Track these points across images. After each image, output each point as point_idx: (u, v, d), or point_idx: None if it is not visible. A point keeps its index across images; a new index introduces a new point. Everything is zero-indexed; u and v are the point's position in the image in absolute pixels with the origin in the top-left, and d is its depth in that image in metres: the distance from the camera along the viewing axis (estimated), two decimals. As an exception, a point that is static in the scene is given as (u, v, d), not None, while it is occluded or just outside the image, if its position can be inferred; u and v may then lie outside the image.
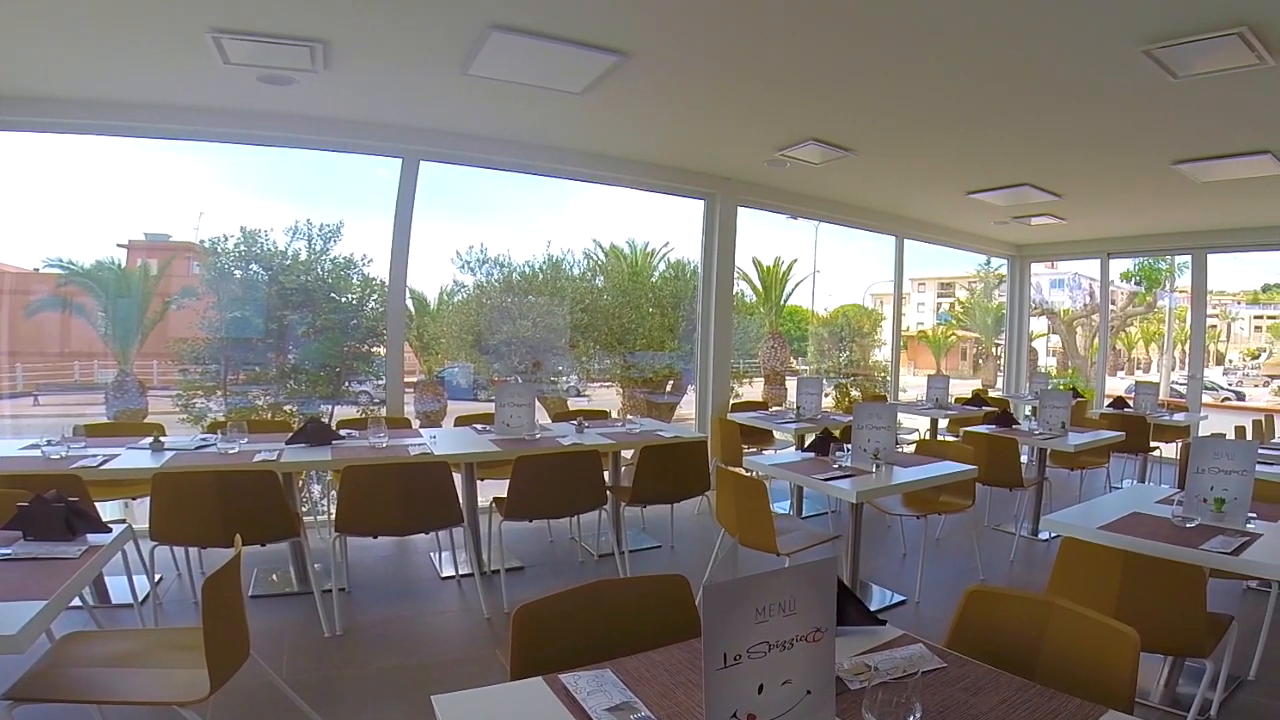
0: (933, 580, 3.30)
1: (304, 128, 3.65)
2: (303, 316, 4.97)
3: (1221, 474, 2.15)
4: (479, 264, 6.14)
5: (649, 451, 3.13)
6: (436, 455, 2.84)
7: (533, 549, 3.61)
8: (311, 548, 2.83)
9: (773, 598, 0.86)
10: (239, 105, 3.45)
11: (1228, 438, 4.05)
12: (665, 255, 7.62)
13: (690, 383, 5.89)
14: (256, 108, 3.48)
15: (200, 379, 4.91)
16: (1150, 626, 1.52)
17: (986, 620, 1.36)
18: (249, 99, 3.37)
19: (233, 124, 3.54)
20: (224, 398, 4.88)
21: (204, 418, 4.71)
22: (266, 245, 4.94)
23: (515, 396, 3.34)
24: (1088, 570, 1.87)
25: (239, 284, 4.90)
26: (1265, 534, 1.99)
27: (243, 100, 3.39)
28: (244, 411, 4.70)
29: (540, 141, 4.15)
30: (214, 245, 4.86)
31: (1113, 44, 2.49)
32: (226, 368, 4.92)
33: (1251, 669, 2.41)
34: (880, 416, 2.96)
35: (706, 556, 3.25)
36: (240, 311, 4.93)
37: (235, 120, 3.53)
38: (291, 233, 4.98)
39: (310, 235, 5.00)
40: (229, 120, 3.53)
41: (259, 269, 4.94)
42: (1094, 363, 8.95)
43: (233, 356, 4.95)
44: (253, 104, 3.44)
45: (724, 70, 2.97)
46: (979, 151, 4.12)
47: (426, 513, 2.66)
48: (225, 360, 4.92)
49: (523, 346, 6.20)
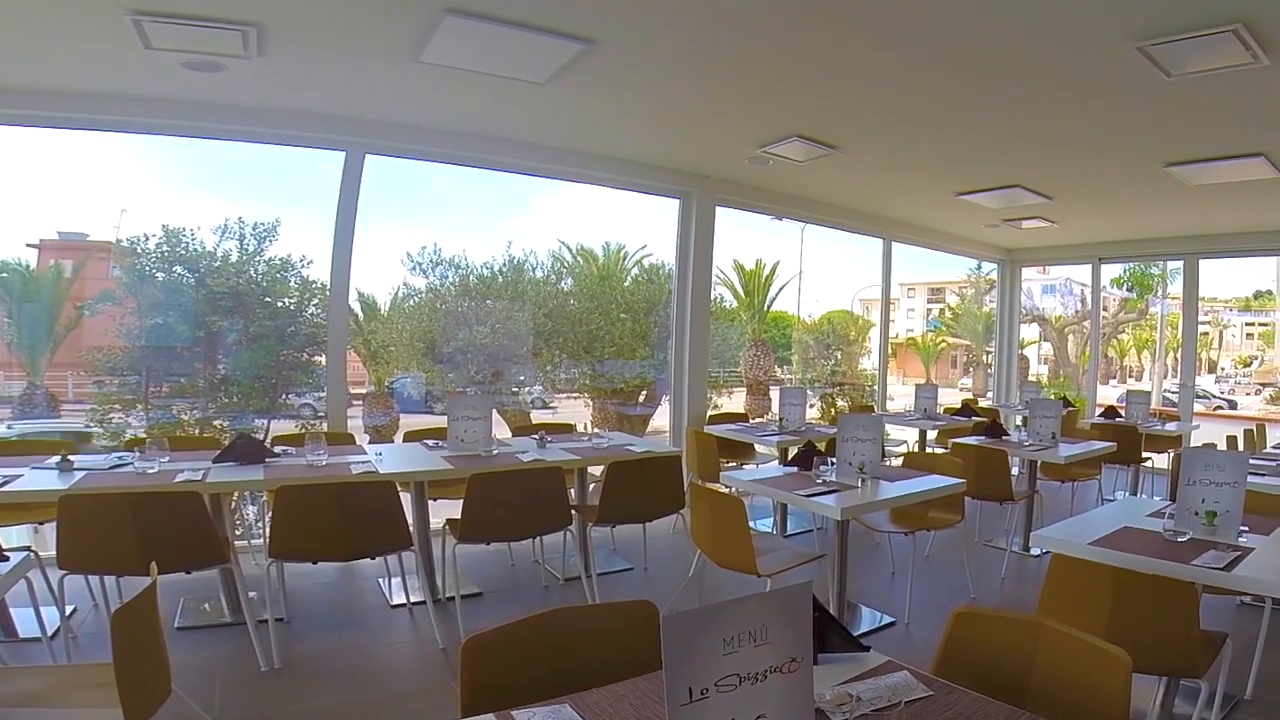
0: (922, 599, 3.34)
1: (236, 118, 3.57)
2: (234, 323, 4.84)
3: (1213, 486, 2.22)
4: (432, 265, 6.07)
5: (617, 467, 3.13)
6: (382, 474, 2.81)
7: (492, 573, 3.59)
8: (246, 575, 2.78)
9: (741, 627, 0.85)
10: (163, 94, 3.36)
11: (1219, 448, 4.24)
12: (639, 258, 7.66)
13: (665, 393, 5.88)
14: (183, 96, 3.39)
15: (118, 391, 4.72)
16: (1142, 646, 1.56)
17: (975, 643, 1.38)
18: (174, 87, 3.27)
19: (156, 114, 3.44)
20: (145, 412, 4.71)
21: (122, 434, 4.53)
22: (193, 245, 4.80)
23: (470, 409, 3.31)
24: (1078, 588, 1.91)
25: (161, 288, 4.74)
26: (1257, 548, 2.06)
27: (167, 88, 3.30)
28: (168, 427, 4.56)
29: (501, 135, 4.13)
30: (133, 245, 4.70)
31: (1107, 40, 2.58)
32: (148, 379, 4.75)
33: (1248, 688, 2.48)
34: (866, 428, 2.99)
35: (683, 579, 3.25)
36: (163, 318, 4.78)
37: (159, 110, 3.43)
38: (221, 232, 4.86)
39: (242, 234, 4.88)
40: (152, 110, 3.42)
41: (184, 271, 4.79)
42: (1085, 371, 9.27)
43: (155, 367, 4.78)
44: (178, 92, 3.35)
45: (701, 61, 2.99)
46: (969, 151, 4.23)
47: (371, 536, 2.61)
48: (146, 371, 4.75)
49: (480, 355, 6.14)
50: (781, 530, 4.42)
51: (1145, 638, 1.77)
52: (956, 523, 3.32)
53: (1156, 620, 1.80)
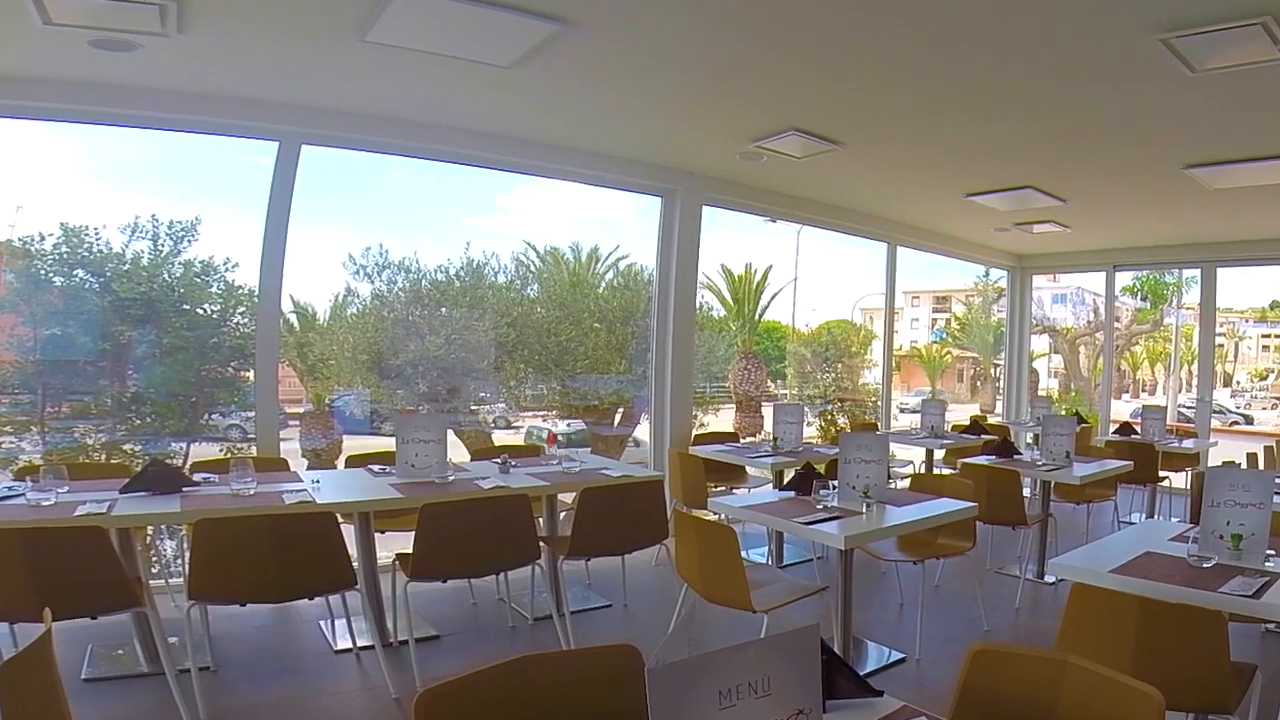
0: (934, 633, 3.37)
1: (151, 103, 3.49)
2: (145, 333, 4.72)
3: (1237, 507, 2.29)
4: (378, 269, 6.01)
5: (591, 494, 3.11)
6: (319, 504, 2.77)
7: (451, 613, 3.56)
8: (165, 618, 2.73)
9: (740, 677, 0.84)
10: (66, 75, 3.26)
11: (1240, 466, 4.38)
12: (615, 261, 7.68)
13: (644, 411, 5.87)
14: (89, 78, 3.30)
15: (9, 412, 4.54)
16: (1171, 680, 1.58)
17: (994, 684, 1.39)
18: (79, 68, 3.19)
19: (58, 98, 3.35)
20: (41, 435, 4.54)
21: (13, 461, 4.35)
22: (98, 246, 4.68)
23: (421, 430, 3.27)
24: (1101, 619, 1.94)
25: (60, 294, 4.60)
26: (1286, 572, 2.13)
27: (71, 69, 3.21)
28: (68, 453, 4.44)
29: (460, 124, 4.10)
30: (26, 245, 4.56)
31: (1129, 30, 2.66)
32: (44, 398, 4.59)
33: (1279, 724, 2.55)
34: (870, 449, 3.02)
35: (668, 616, 3.23)
36: (62, 328, 4.64)
37: (61, 93, 3.33)
38: (131, 231, 4.74)
39: (156, 234, 4.79)
40: (53, 93, 3.32)
41: (87, 275, 4.66)
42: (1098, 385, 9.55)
43: (52, 384, 4.63)
44: (84, 73, 3.26)
45: (688, 44, 3.01)
46: (980, 148, 4.34)
47: (308, 574, 2.57)
48: (43, 389, 4.59)
49: (434, 369, 6.07)
50: (778, 561, 4.44)
51: (1173, 672, 1.81)
52: (968, 549, 3.36)
53: (1185, 653, 1.84)
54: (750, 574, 2.60)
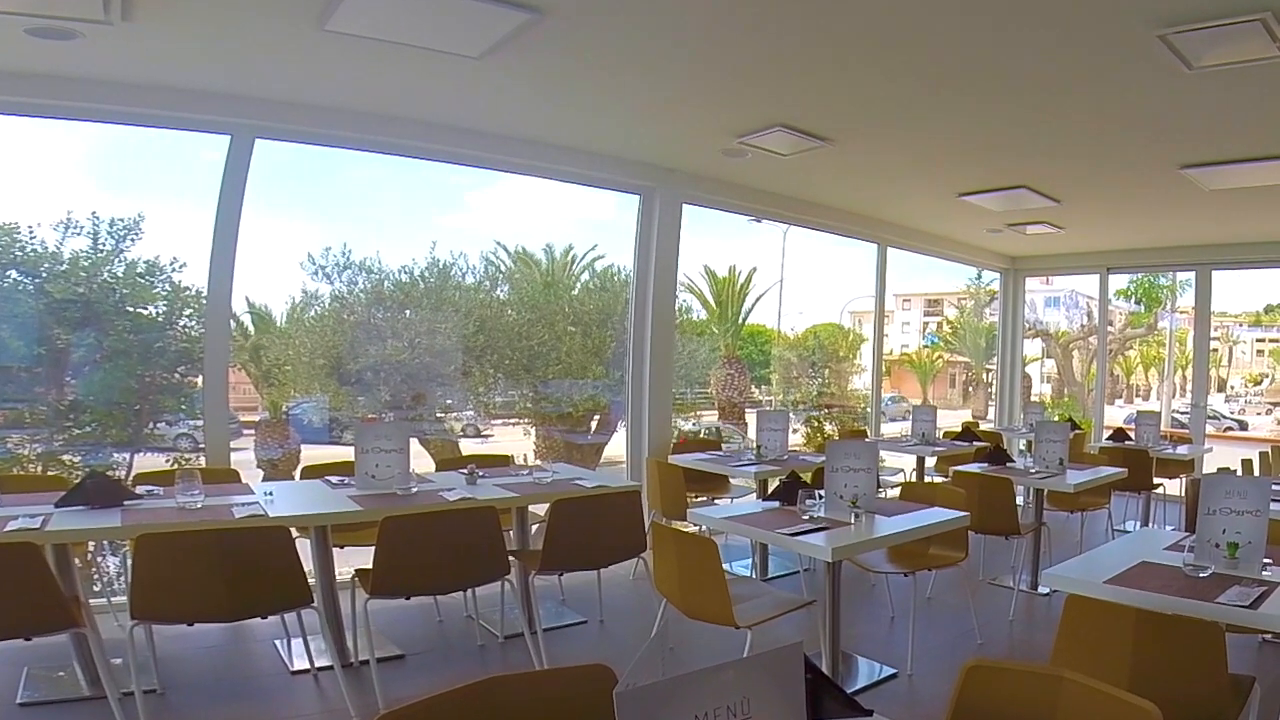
0: (926, 647, 3.40)
1: (92, 95, 3.42)
2: (85, 337, 4.61)
3: (1234, 515, 2.33)
4: (338, 270, 5.96)
5: (563, 506, 3.10)
6: (271, 517, 2.74)
7: (416, 632, 3.54)
8: (109, 639, 2.73)
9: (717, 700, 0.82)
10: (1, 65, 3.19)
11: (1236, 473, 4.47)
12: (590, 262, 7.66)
13: (620, 418, 5.85)
14: (26, 68, 3.23)
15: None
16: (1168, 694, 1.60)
17: (989, 701, 1.39)
18: (15, 57, 3.12)
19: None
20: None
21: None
22: (31, 245, 4.56)
23: (383, 439, 3.26)
24: (1096, 631, 1.97)
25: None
26: (1283, 582, 2.16)
27: (6, 59, 3.14)
28: (1, 464, 4.31)
29: (425, 118, 4.07)
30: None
31: (1127, 24, 2.71)
32: (-27, 406, 4.45)
33: (1277, 738, 2.60)
34: (858, 456, 3.03)
35: (647, 633, 3.22)
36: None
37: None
38: (66, 229, 4.62)
39: (96, 232, 4.70)
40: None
41: (20, 276, 4.54)
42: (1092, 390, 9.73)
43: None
44: (21, 63, 3.18)
45: (669, 35, 3.00)
46: (974, 146, 4.39)
47: (260, 592, 2.54)
48: (-29, 397, 4.45)
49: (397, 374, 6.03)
50: (762, 574, 4.44)
51: (1171, 686, 1.83)
52: (960, 560, 3.39)
53: (1182, 666, 1.87)
54: (733, 588, 2.60)
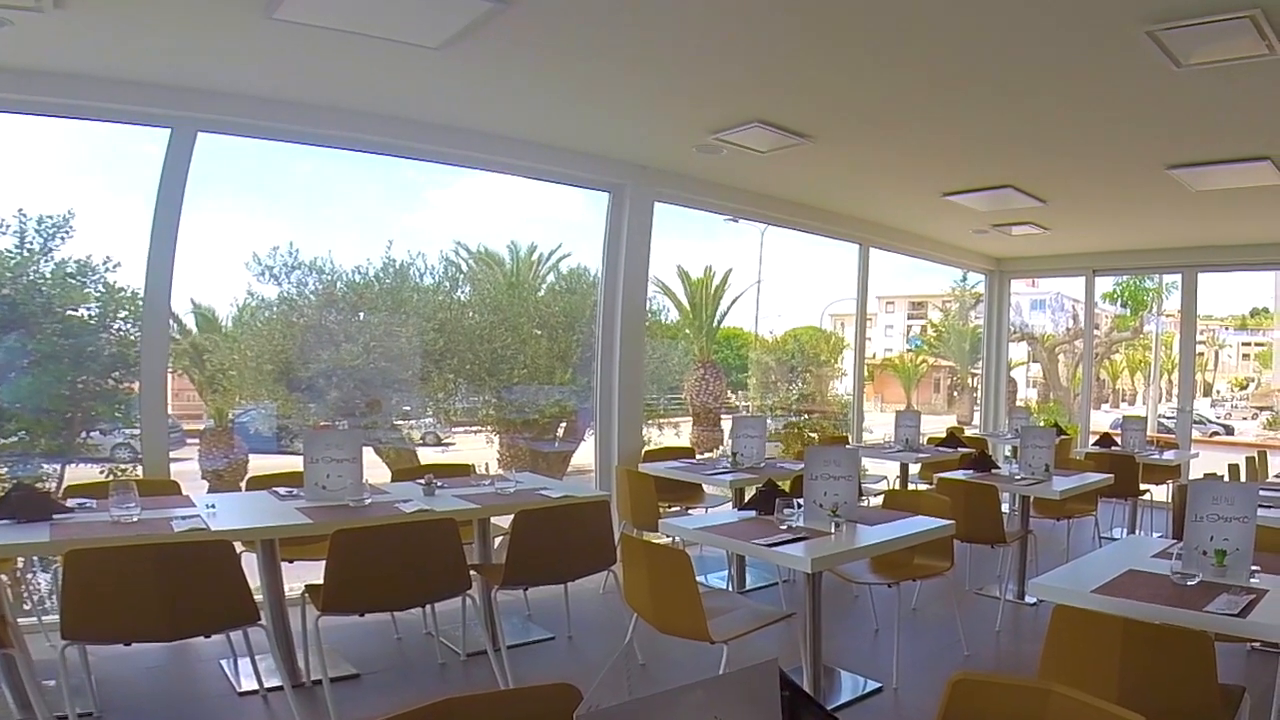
0: (911, 660, 3.43)
1: (21, 86, 3.33)
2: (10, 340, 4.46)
3: (1221, 521, 2.37)
4: (286, 270, 5.86)
5: (527, 517, 3.10)
6: (213, 531, 2.70)
7: (373, 650, 3.52)
8: (41, 660, 2.68)
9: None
10: None
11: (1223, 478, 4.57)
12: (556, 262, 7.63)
13: (589, 425, 5.82)
14: None
15: None
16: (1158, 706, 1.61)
17: (976, 715, 1.39)
18: None
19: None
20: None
21: None
22: None
23: (334, 447, 3.23)
24: (1084, 642, 1.98)
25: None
26: (1271, 590, 2.20)
27: None
28: None
29: (383, 112, 4.02)
30: None
31: (1116, 19, 2.75)
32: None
33: (1268, 747, 2.63)
34: (839, 464, 3.04)
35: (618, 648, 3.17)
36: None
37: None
38: None
39: (23, 230, 4.56)
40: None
41: None
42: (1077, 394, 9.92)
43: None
44: None
45: (640, 25, 2.98)
46: (960, 144, 4.43)
47: (201, 609, 2.49)
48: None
49: (351, 380, 5.93)
50: (739, 586, 4.44)
51: (1160, 697, 1.84)
52: (946, 570, 3.41)
53: (1172, 676, 1.88)
54: (707, 601, 2.59)
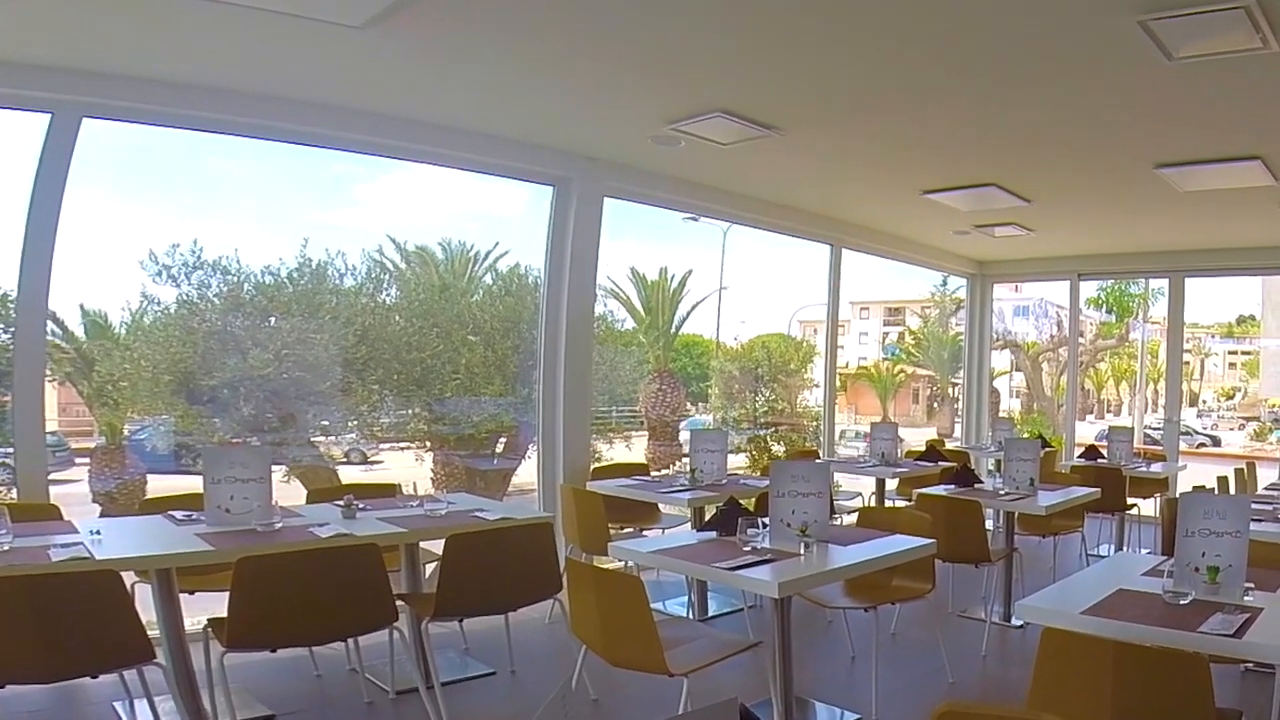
0: (892, 689, 3.44)
1: None
2: None
3: (1213, 536, 2.40)
4: (186, 270, 5.75)
5: (460, 542, 3.07)
6: (97, 560, 2.61)
7: (289, 688, 3.48)
8: None
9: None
10: None
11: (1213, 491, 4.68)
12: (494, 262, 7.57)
13: (531, 440, 5.77)
14: None
15: None
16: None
17: (955, 752, 1.34)
18: None
19: None
20: None
21: None
22: None
23: (238, 467, 3.17)
24: (1074, 666, 1.98)
25: None
26: (1266, 608, 2.22)
27: None
28: None
29: (299, 97, 3.94)
30: None
31: (1107, 6, 2.80)
32: None
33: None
34: (808, 479, 3.01)
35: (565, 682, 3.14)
36: None
37: None
38: None
39: None
40: None
41: None
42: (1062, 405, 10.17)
43: None
44: None
45: (589, 4, 2.94)
46: (939, 138, 4.47)
47: (84, 647, 2.42)
48: None
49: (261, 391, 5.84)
50: (700, 613, 4.40)
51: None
52: (927, 592, 3.41)
53: (1166, 701, 1.88)
54: (665, 630, 2.56)
